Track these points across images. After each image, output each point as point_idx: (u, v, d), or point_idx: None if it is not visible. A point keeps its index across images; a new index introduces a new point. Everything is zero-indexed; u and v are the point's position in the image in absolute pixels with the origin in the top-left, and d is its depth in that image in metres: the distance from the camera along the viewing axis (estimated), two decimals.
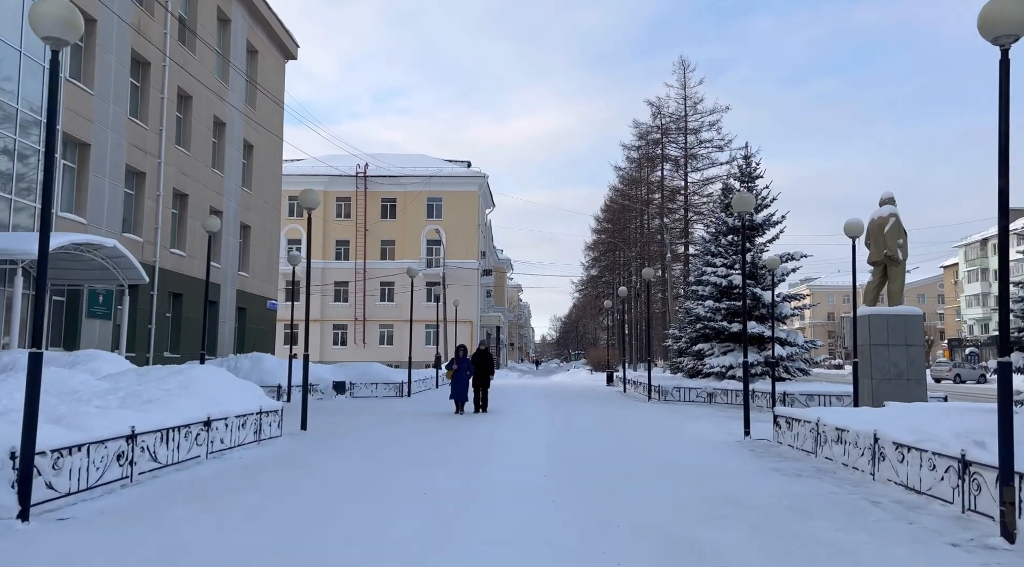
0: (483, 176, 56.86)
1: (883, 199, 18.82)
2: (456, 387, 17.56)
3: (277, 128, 37.52)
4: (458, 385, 17.53)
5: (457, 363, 17.74)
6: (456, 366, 17.71)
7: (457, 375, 17.58)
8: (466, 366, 17.63)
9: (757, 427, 15.48)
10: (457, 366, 17.68)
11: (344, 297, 56.09)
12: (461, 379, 17.53)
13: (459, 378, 17.54)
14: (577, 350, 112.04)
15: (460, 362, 17.70)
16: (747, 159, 27.22)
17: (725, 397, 23.51)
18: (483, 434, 13.15)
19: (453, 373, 17.67)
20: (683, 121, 52.38)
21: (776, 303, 23.45)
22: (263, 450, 10.89)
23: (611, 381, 37.70)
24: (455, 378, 17.58)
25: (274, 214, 37.60)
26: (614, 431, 14.30)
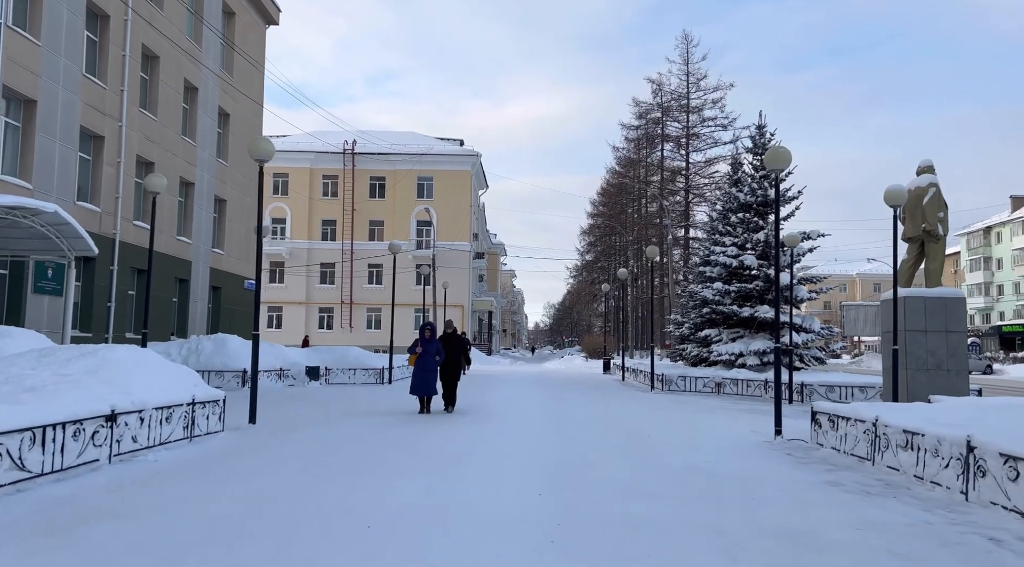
0: (476, 155, 54.59)
1: (921, 167, 16.77)
2: (420, 377, 13.58)
3: (257, 97, 35.22)
4: (423, 375, 13.57)
5: (422, 346, 13.72)
6: (421, 349, 13.71)
7: (422, 361, 13.58)
8: (435, 350, 13.70)
9: (785, 423, 13.58)
10: (422, 349, 13.68)
11: (331, 279, 53.90)
12: (427, 366, 13.58)
13: (424, 365, 13.57)
14: (571, 337, 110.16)
15: (427, 344, 13.70)
16: (760, 129, 25.06)
17: (735, 387, 21.60)
18: (465, 433, 11.10)
19: (416, 358, 13.66)
20: (685, 99, 50.24)
21: (792, 286, 21.50)
22: (192, 450, 8.82)
23: (608, 369, 35.74)
24: (419, 365, 13.63)
25: (254, 189, 35.24)
26: (620, 427, 12.28)
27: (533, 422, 12.59)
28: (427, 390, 13.61)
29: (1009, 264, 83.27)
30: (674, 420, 13.73)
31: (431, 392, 13.69)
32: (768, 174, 25.07)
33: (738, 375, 21.95)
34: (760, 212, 24.31)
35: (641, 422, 13.12)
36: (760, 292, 23.36)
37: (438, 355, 13.74)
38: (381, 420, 12.32)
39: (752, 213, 24.32)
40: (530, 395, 19.37)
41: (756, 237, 23.69)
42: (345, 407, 14.67)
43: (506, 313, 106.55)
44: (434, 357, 13.66)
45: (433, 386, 13.75)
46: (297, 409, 14.31)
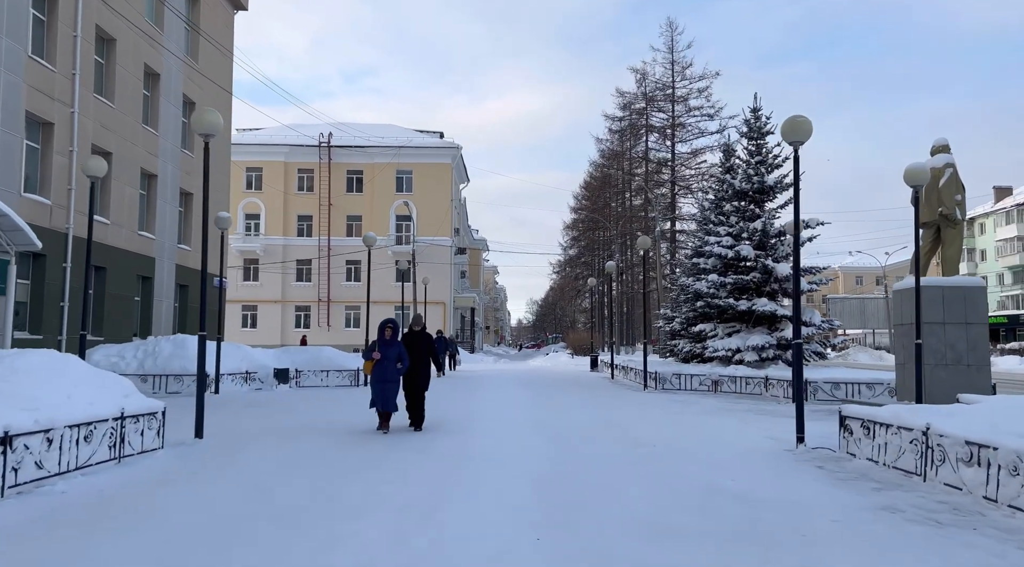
0: (456, 147, 53.05)
1: (936, 147, 15.56)
2: (380, 388, 10.82)
3: (225, 85, 33.50)
4: (381, 386, 10.82)
5: (382, 348, 10.91)
6: (379, 353, 10.92)
7: (380, 370, 10.83)
8: (396, 354, 10.91)
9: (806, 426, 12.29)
10: (382, 353, 10.89)
11: (307, 276, 52.17)
12: (387, 376, 10.80)
13: (383, 374, 10.80)
14: (555, 334, 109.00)
15: (386, 347, 10.90)
16: (755, 112, 23.81)
17: (733, 385, 20.33)
18: (443, 451, 9.69)
19: (374, 366, 10.92)
20: (670, 88, 49.02)
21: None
22: (115, 476, 7.34)
23: (595, 366, 34.45)
24: (377, 374, 10.86)
25: (221, 182, 33.59)
26: (621, 436, 10.93)
27: (521, 433, 11.19)
28: (387, 402, 10.85)
29: (993, 255, 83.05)
30: (678, 425, 12.41)
31: (391, 408, 10.90)
32: (764, 159, 23.91)
33: (736, 372, 20.71)
34: (756, 200, 23.10)
35: (643, 429, 11.77)
36: (758, 284, 22.15)
37: (400, 362, 10.86)
38: (340, 438, 10.37)
39: (748, 201, 23.10)
40: (516, 398, 17.99)
41: (752, 226, 22.48)
42: (308, 417, 13.15)
43: (489, 310, 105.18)
44: (395, 364, 10.82)
45: (393, 401, 10.88)
46: (255, 418, 12.82)
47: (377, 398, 10.89)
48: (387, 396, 10.82)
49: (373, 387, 10.97)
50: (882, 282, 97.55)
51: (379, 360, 10.88)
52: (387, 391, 10.84)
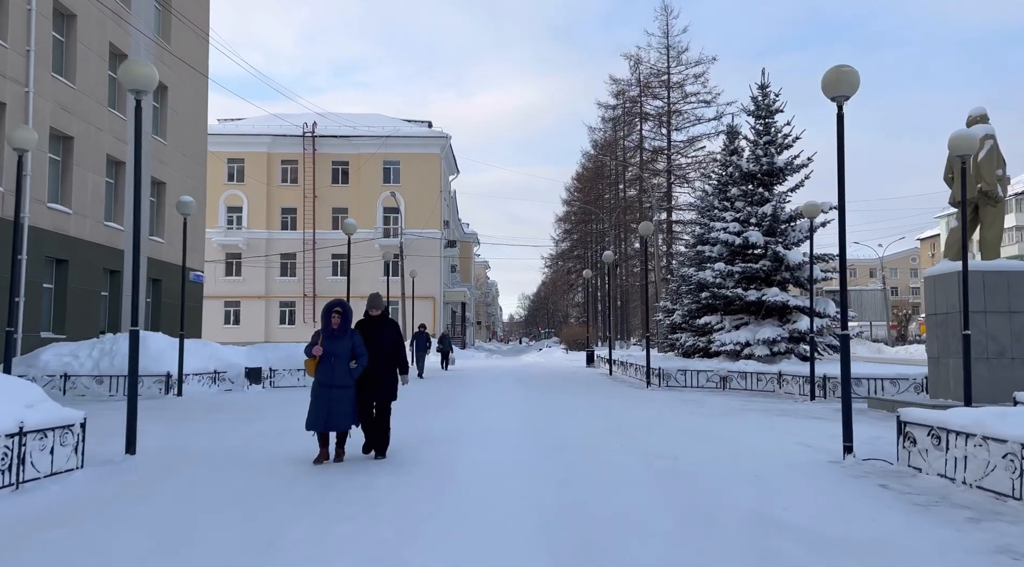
0: (446, 137, 51.36)
1: (973, 117, 14.05)
2: (324, 398, 7.76)
3: (201, 68, 31.74)
4: (324, 395, 7.77)
5: (328, 342, 7.87)
6: (323, 348, 7.85)
7: (325, 371, 7.80)
8: (349, 349, 7.85)
9: (823, 428, 10.82)
10: (327, 348, 7.85)
11: (291, 271, 50.43)
12: (334, 379, 7.78)
13: (330, 377, 7.78)
14: (547, 328, 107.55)
15: (334, 340, 7.86)
16: (763, 89, 22.26)
17: (743, 381, 18.89)
18: (422, 468, 8.15)
19: (317, 363, 7.88)
20: (666, 74, 47.49)
21: (804, 265, 18.83)
22: (2, 509, 5.74)
23: (591, 361, 32.94)
24: (320, 377, 7.84)
25: (198, 171, 31.89)
26: (635, 446, 9.41)
27: (518, 444, 9.64)
28: (330, 423, 7.70)
29: None
30: (694, 429, 10.90)
31: (339, 425, 7.75)
32: (774, 139, 22.38)
33: (746, 367, 19.27)
34: (765, 182, 21.60)
35: (656, 435, 10.25)
36: (768, 273, 20.66)
37: (355, 361, 7.85)
38: (300, 456, 8.11)
39: (756, 184, 21.60)
40: (509, 400, 16.44)
41: (762, 211, 20.98)
42: (272, 424, 11.53)
43: (480, 305, 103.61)
44: (347, 363, 7.79)
45: (343, 417, 7.75)
46: (212, 426, 11.20)
47: (316, 413, 7.70)
48: (332, 409, 7.66)
49: (314, 397, 7.79)
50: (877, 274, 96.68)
51: (323, 357, 7.78)
52: (333, 400, 7.67)
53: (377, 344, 8.12)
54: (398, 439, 9.02)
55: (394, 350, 8.30)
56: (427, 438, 9.71)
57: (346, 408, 7.84)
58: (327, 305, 8.16)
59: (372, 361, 8.04)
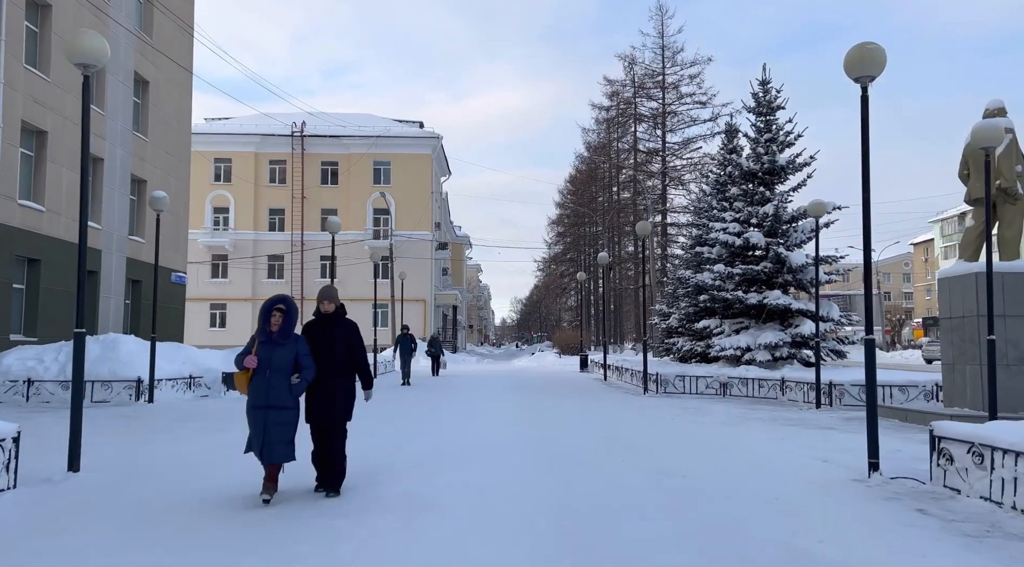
0: (437, 137, 50.53)
1: (990, 110, 13.30)
2: (260, 420, 6.11)
3: (185, 63, 30.84)
4: (264, 414, 6.10)
5: (265, 348, 6.16)
6: (258, 357, 6.15)
7: (260, 386, 6.12)
8: (291, 358, 6.15)
9: (834, 439, 10.03)
10: (263, 358, 6.14)
11: (279, 273, 49.45)
12: (271, 398, 6.10)
13: (266, 395, 6.10)
14: (540, 332, 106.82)
15: (272, 345, 6.15)
16: (764, 85, 21.51)
17: (744, 388, 18.14)
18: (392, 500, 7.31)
19: (250, 380, 6.18)
20: (660, 75, 46.79)
21: (807, 266, 18.09)
22: None
23: (585, 366, 32.15)
24: (255, 393, 6.14)
25: (181, 170, 30.98)
26: (638, 458, 8.61)
27: (512, 460, 8.82)
28: (266, 452, 6.06)
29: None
30: (700, 441, 10.10)
31: (275, 457, 6.08)
32: (775, 137, 21.64)
33: (747, 373, 18.50)
34: (766, 181, 20.84)
35: (661, 448, 9.44)
36: (769, 275, 19.90)
37: (298, 373, 6.17)
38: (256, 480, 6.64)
39: (756, 183, 20.84)
40: (501, 408, 15.62)
41: (762, 211, 20.22)
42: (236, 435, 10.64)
43: (472, 308, 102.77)
44: (287, 376, 6.11)
45: (280, 448, 6.07)
46: (170, 438, 10.31)
47: (254, 436, 6.08)
48: (270, 437, 5.98)
49: (249, 420, 6.14)
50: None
51: (257, 370, 6.06)
52: (271, 428, 6.00)
53: (328, 350, 6.32)
54: (375, 458, 8.19)
55: (348, 358, 6.43)
56: (408, 454, 8.87)
57: (286, 435, 6.06)
58: (267, 302, 6.29)
59: (321, 371, 6.24)
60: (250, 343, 6.25)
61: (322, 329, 6.49)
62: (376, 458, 8.32)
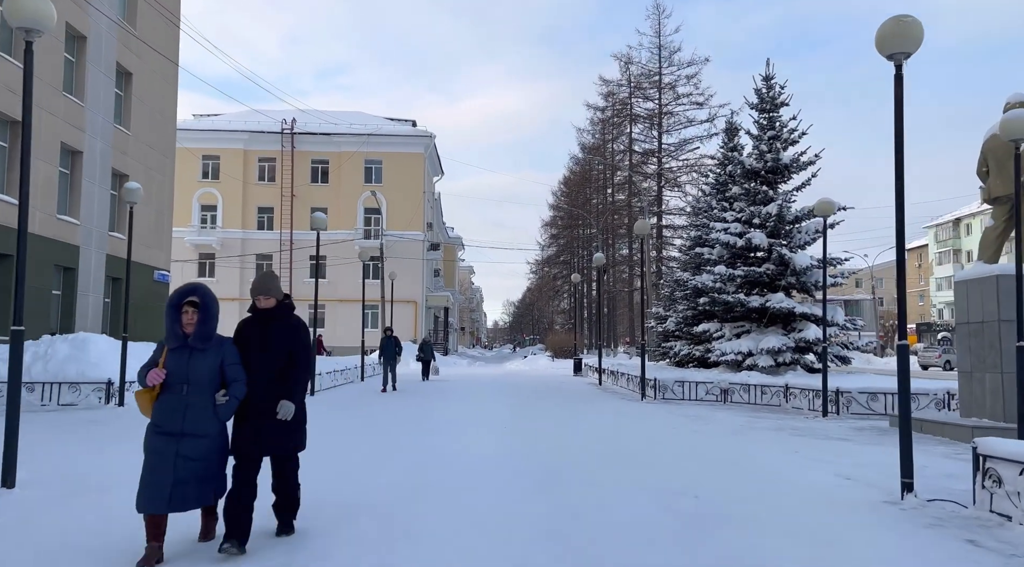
0: (430, 136, 49.72)
1: (1012, 103, 12.49)
2: (158, 460, 4.46)
3: (170, 55, 29.96)
4: (169, 451, 4.47)
5: (177, 355, 4.59)
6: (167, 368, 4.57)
7: (167, 408, 4.53)
8: (212, 371, 4.63)
9: (851, 451, 9.29)
10: (172, 369, 4.57)
11: None
12: (190, 421, 4.53)
13: (174, 415, 4.52)
14: (532, 335, 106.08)
15: (185, 352, 4.60)
16: (768, 80, 20.76)
17: (746, 394, 17.39)
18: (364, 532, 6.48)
19: (155, 398, 4.58)
20: (657, 75, 46.15)
21: (812, 268, 17.35)
22: None
23: (579, 370, 31.39)
24: (159, 418, 4.55)
25: (165, 165, 30.11)
26: (643, 476, 7.84)
27: (499, 480, 8.04)
28: (178, 498, 4.46)
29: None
30: (708, 455, 9.33)
31: (193, 502, 4.57)
32: (779, 134, 20.91)
33: (748, 379, 17.76)
34: (769, 180, 20.11)
35: (666, 463, 8.66)
36: (772, 277, 19.16)
37: (225, 390, 4.70)
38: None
39: (759, 182, 20.09)
40: (492, 416, 14.83)
41: (765, 211, 19.47)
42: None
43: (464, 311, 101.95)
44: (209, 394, 4.63)
45: (196, 488, 4.54)
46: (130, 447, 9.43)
47: (152, 483, 4.44)
48: (182, 476, 4.46)
49: (148, 452, 4.53)
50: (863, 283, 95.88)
51: (165, 386, 4.57)
52: (184, 463, 4.48)
53: (264, 357, 4.83)
54: (348, 480, 7.39)
55: (288, 365, 4.91)
56: (387, 471, 8.07)
57: (207, 470, 4.52)
58: (175, 294, 4.71)
59: (257, 388, 4.75)
60: (157, 351, 4.67)
61: (258, 330, 4.96)
62: (349, 480, 7.51)
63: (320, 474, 7.18)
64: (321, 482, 6.75)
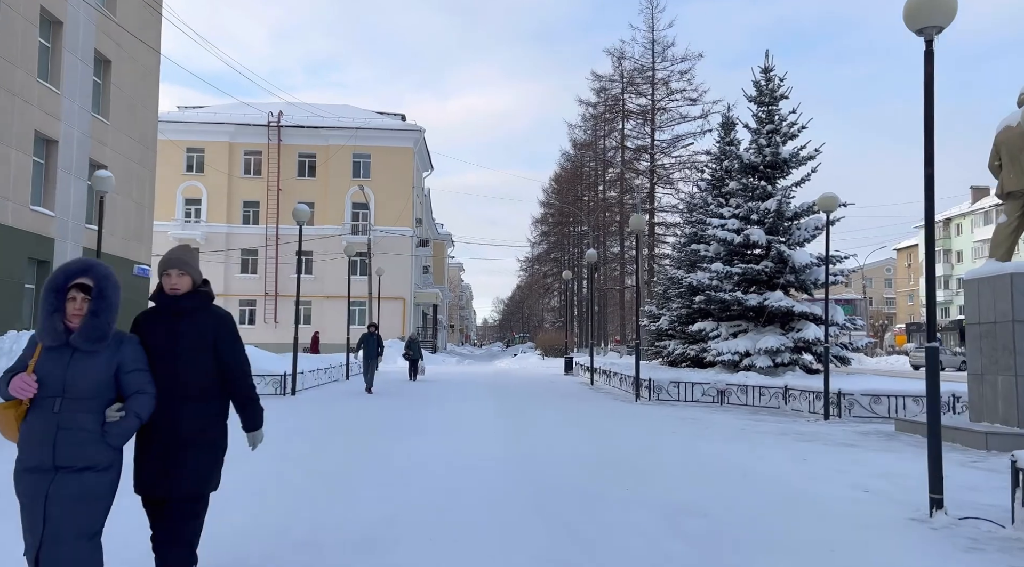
0: (419, 130, 48.95)
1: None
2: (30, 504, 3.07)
3: (151, 43, 29.11)
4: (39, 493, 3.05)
5: (53, 355, 3.15)
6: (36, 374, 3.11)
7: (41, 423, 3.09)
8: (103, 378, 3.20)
9: (865, 458, 8.66)
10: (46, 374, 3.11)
11: (252, 268, 47.66)
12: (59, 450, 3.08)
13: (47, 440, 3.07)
14: (522, 333, 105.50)
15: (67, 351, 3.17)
16: (767, 72, 20.11)
17: (744, 396, 16.82)
18: None
19: (24, 412, 3.12)
20: (650, 70, 45.55)
21: (811, 266, 16.77)
22: None
23: (570, 369, 30.77)
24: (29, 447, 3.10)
25: (146, 157, 29.27)
26: (646, 489, 7.22)
27: (489, 496, 7.39)
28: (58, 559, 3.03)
29: (970, 257, 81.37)
30: (713, 464, 8.71)
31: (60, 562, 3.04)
32: (778, 128, 20.34)
33: (746, 380, 17.20)
34: (767, 175, 19.52)
35: (670, 473, 8.04)
36: (770, 275, 18.59)
37: (119, 404, 3.27)
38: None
39: (757, 177, 19.48)
40: (480, 420, 14.18)
41: (764, 206, 18.89)
42: None
43: (454, 308, 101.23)
44: (96, 412, 3.19)
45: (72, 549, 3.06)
46: None
47: (27, 524, 3.10)
48: (57, 520, 3.07)
49: (19, 491, 3.15)
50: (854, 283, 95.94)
51: (36, 400, 3.14)
52: (60, 501, 3.08)
53: (177, 363, 3.54)
54: (318, 508, 6.70)
55: (211, 374, 3.64)
56: (358, 489, 7.40)
57: (85, 523, 3.15)
58: (57, 273, 3.33)
59: (166, 402, 3.44)
60: (28, 349, 3.28)
61: (164, 326, 3.59)
62: (315, 504, 6.83)
63: (280, 496, 6.51)
64: (279, 507, 6.09)
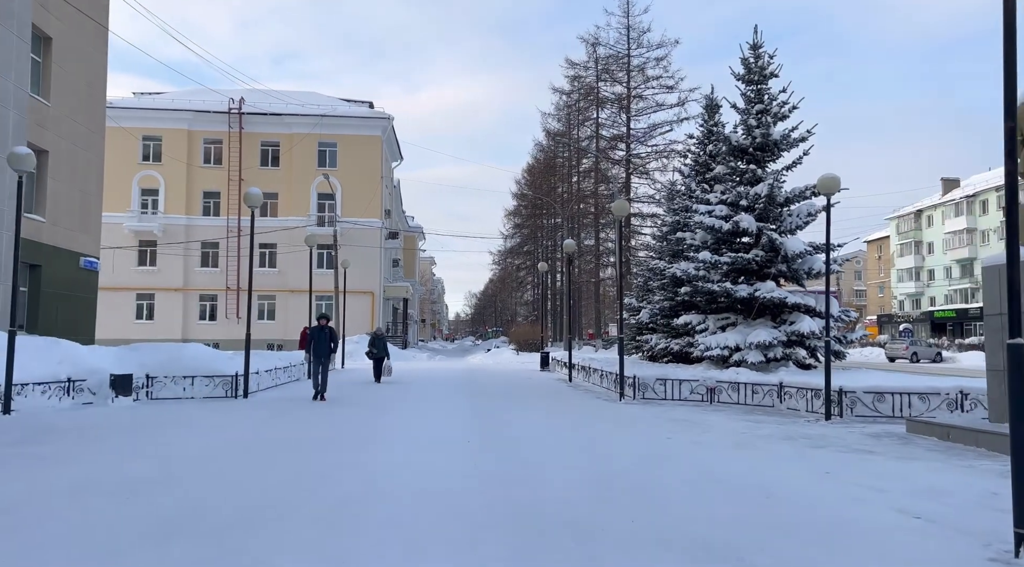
0: (387, 118, 47.27)
1: None
2: None
3: (97, 17, 27.17)
4: None
5: None
6: None
7: None
8: None
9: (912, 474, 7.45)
10: None
11: (213, 261, 45.69)
12: None
13: None
14: (495, 327, 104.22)
15: None
16: (756, 49, 18.92)
17: (735, 394, 15.63)
18: None
19: None
20: (626, 57, 44.33)
21: (805, 255, 15.66)
22: None
23: (547, 365, 29.51)
24: None
25: (94, 142, 27.37)
26: (653, 516, 5.93)
27: (465, 536, 6.03)
28: None
29: (940, 248, 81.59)
30: (725, 480, 7.43)
31: None
32: (768, 108, 19.16)
33: (737, 377, 16.01)
34: (757, 158, 18.33)
35: (678, 492, 6.74)
36: (761, 264, 17.42)
37: None
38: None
39: (747, 160, 18.30)
40: (452, 427, 12.80)
41: (753, 191, 17.70)
42: (99, 468, 7.71)
43: (425, 302, 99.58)
44: None
45: None
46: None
47: None
48: None
49: None
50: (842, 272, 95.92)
51: None
52: None
53: None
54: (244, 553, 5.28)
55: None
56: (296, 525, 6.00)
57: None
58: None
59: None
60: None
61: None
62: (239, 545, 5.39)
63: (187, 539, 5.11)
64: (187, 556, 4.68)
